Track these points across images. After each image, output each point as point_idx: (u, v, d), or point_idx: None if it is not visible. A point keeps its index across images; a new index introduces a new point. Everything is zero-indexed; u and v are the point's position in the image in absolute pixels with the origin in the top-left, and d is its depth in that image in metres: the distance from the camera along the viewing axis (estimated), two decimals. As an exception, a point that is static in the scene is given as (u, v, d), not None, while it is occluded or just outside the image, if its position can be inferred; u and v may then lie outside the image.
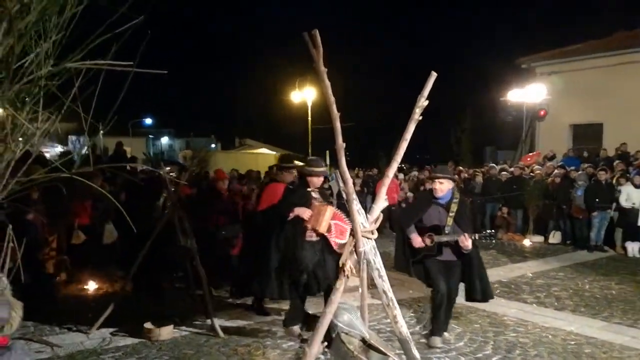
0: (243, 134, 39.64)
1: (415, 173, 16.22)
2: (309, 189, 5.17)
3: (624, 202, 10.43)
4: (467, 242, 4.76)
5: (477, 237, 4.98)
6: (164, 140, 52.00)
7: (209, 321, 5.31)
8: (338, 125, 2.70)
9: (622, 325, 5.78)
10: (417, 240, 5.01)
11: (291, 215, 4.98)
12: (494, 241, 5.19)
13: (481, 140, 24.95)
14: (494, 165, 15.33)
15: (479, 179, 13.89)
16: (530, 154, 17.01)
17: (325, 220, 4.85)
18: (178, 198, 5.80)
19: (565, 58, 18.12)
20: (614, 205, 10.70)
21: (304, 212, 4.97)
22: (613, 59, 16.55)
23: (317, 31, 2.46)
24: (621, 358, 4.78)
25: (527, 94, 18.03)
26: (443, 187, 5.02)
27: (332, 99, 2.66)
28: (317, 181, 5.22)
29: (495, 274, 8.20)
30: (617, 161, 12.73)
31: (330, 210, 4.89)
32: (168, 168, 7.35)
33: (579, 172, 11.92)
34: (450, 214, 4.98)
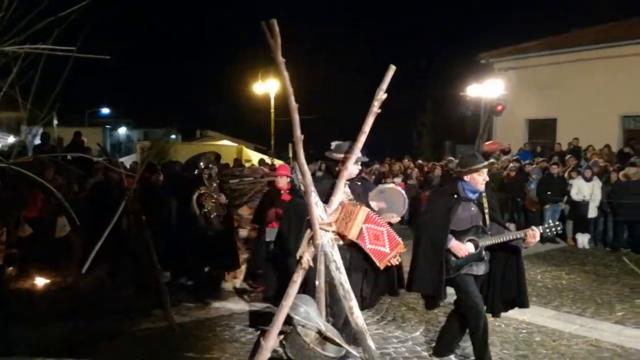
0: (204, 125, 39.06)
1: (377, 166, 16.37)
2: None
3: (575, 195, 10.83)
4: (536, 236, 3.96)
5: (541, 231, 4.07)
6: (122, 130, 50.72)
7: (165, 315, 5.22)
8: (297, 117, 2.68)
9: (571, 314, 6.02)
10: (461, 248, 4.01)
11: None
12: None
13: (441, 134, 25.34)
14: (452, 158, 15.62)
15: (438, 172, 14.14)
16: (489, 142, 17.52)
17: (357, 224, 3.89)
18: (133, 190, 5.66)
19: (521, 54, 18.59)
20: (566, 198, 11.10)
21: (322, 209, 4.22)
22: (568, 56, 17.07)
23: (275, 20, 2.43)
24: (569, 346, 4.97)
25: (486, 89, 18.41)
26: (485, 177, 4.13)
27: (291, 89, 2.63)
28: (351, 171, 4.14)
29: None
30: (569, 156, 13.19)
31: (363, 212, 3.90)
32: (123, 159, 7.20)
33: (533, 166, 12.31)
34: (486, 211, 4.16)
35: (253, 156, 19.60)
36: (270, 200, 6.38)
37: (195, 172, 6.23)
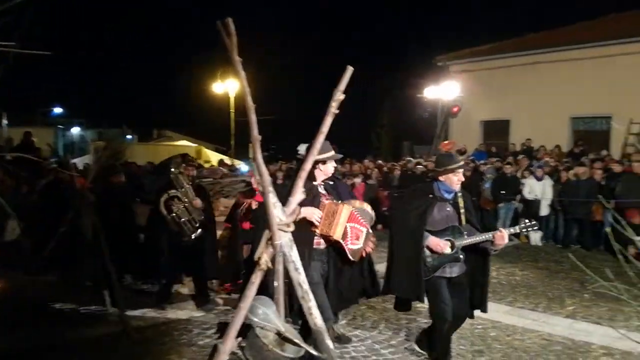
0: (162, 125, 38.27)
1: (337, 166, 16.42)
2: (314, 182, 4.09)
3: (528, 194, 11.19)
4: (504, 238, 3.95)
5: (518, 230, 4.21)
6: (75, 131, 49.09)
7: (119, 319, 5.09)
8: (253, 117, 2.66)
9: (525, 309, 6.21)
10: (439, 243, 3.97)
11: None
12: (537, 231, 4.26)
13: (399, 135, 25.73)
14: (410, 159, 15.88)
15: (397, 172, 14.35)
16: (445, 142, 17.91)
17: (341, 223, 3.81)
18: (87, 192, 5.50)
19: (476, 57, 19.05)
20: (519, 197, 11.46)
21: (313, 214, 3.90)
22: (520, 59, 17.57)
23: (230, 19, 2.40)
24: (523, 340, 5.13)
25: (442, 91, 18.80)
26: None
27: (248, 89, 2.61)
28: (327, 170, 4.15)
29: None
30: (521, 156, 13.61)
31: (347, 211, 3.85)
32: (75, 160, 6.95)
33: (488, 166, 12.66)
34: (462, 211, 4.14)
35: (212, 157, 19.38)
36: (244, 200, 6.32)
37: (171, 175, 5.89)
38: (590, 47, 15.89)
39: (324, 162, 4.04)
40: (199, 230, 5.92)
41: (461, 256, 4.05)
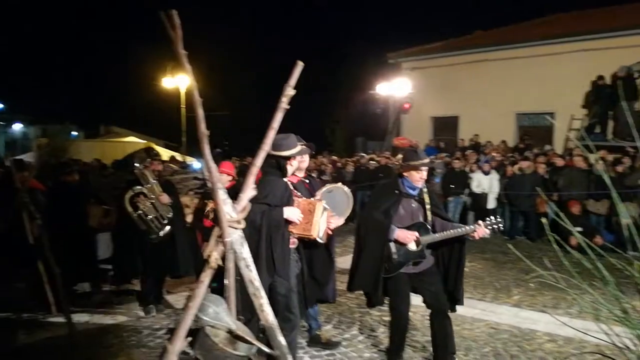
0: (109, 121, 36.99)
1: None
2: (285, 179, 3.91)
3: (475, 188, 11.52)
4: (482, 230, 3.92)
5: (488, 227, 4.02)
6: (17, 127, 46.85)
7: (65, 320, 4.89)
8: (201, 111, 2.59)
9: (473, 299, 6.38)
10: (407, 234, 3.94)
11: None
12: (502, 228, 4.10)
13: (353, 131, 25.91)
14: (363, 154, 16.04)
15: (350, 167, 14.46)
16: (399, 137, 18.23)
17: (317, 221, 3.73)
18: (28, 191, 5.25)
19: (427, 55, 19.43)
20: (467, 191, 11.78)
21: (294, 214, 3.72)
22: (469, 57, 18.05)
23: (175, 11, 2.33)
24: (472, 329, 5.28)
25: (394, 88, 19.07)
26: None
27: (194, 83, 2.54)
28: (299, 164, 4.03)
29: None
30: (470, 151, 13.99)
31: (320, 206, 3.78)
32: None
33: (437, 161, 12.95)
34: (427, 207, 4.11)
35: (163, 153, 18.90)
36: (209, 198, 6.08)
37: (135, 171, 5.60)
38: (536, 46, 16.49)
39: (289, 158, 3.87)
40: (167, 228, 5.67)
41: (426, 253, 4.03)
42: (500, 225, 4.03)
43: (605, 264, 1.93)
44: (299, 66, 3.11)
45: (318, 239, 3.87)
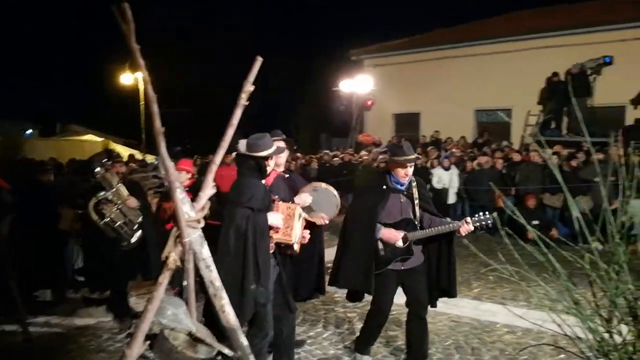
0: (66, 118, 35.80)
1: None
2: (262, 181, 3.72)
3: (436, 183, 11.69)
4: (468, 226, 3.94)
5: (476, 224, 4.05)
6: (-33, 125, 44.85)
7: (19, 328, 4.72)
8: (155, 108, 2.53)
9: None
10: (393, 233, 3.90)
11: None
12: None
13: (317, 128, 25.91)
14: (327, 151, 16.09)
15: (314, 164, 14.47)
16: (363, 134, 18.37)
17: (300, 227, 3.66)
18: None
19: (388, 52, 19.59)
20: (428, 186, 11.94)
21: (278, 220, 3.59)
22: (429, 54, 18.28)
23: (127, 4, 2.26)
24: (434, 323, 5.35)
25: (357, 84, 19.17)
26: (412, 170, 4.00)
27: (148, 78, 2.48)
28: (276, 159, 3.86)
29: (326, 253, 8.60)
30: (430, 147, 14.20)
31: (299, 212, 3.71)
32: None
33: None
34: (416, 202, 4.02)
35: (122, 151, 18.45)
36: (167, 198, 5.87)
37: (95, 177, 5.22)
38: (494, 43, 16.82)
39: (268, 158, 3.68)
40: (139, 232, 5.30)
41: (414, 249, 3.97)
42: (489, 222, 3.96)
43: (558, 257, 1.98)
44: (258, 62, 3.08)
45: (295, 245, 3.77)
